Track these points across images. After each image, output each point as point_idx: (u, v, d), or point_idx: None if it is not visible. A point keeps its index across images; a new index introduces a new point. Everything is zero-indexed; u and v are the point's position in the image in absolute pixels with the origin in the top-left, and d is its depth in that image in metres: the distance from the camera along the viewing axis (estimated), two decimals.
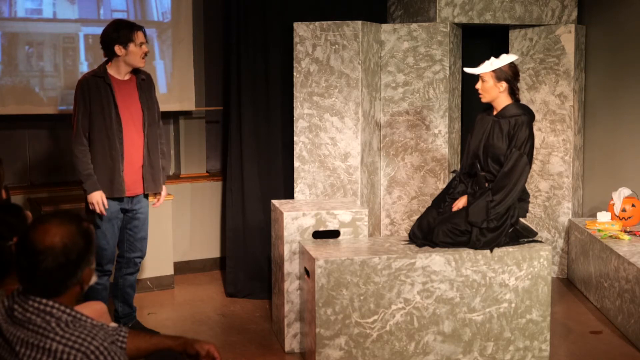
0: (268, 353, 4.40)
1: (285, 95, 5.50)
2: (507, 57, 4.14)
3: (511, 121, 4.09)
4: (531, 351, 4.21)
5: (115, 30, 4.21)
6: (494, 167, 4.11)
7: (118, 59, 4.23)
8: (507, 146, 4.07)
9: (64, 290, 2.20)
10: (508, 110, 4.12)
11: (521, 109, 4.13)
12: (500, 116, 4.13)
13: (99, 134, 4.21)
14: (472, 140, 4.25)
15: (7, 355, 2.17)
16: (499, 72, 4.09)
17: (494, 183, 4.07)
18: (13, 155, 5.40)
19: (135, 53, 4.23)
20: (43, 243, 2.15)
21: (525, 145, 4.04)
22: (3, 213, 2.69)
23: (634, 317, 4.47)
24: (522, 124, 4.06)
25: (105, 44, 4.24)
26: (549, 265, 4.20)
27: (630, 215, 5.35)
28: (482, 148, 4.16)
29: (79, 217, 2.28)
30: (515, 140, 4.05)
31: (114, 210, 4.32)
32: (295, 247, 4.34)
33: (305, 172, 5.22)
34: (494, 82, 4.11)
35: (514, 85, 4.13)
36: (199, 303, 5.30)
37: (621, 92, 5.66)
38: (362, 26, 5.13)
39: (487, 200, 4.04)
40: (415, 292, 4.05)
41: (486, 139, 4.15)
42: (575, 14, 5.75)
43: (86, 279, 2.25)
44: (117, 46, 4.19)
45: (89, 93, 4.18)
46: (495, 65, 4.09)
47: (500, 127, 4.11)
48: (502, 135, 4.10)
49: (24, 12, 5.29)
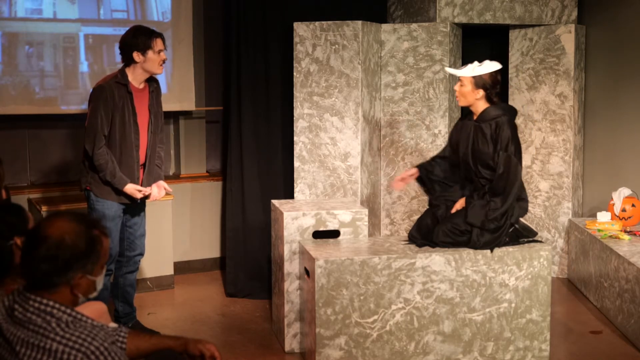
0: (268, 353, 4.40)
1: (285, 95, 5.50)
2: (490, 64, 4.10)
3: (492, 124, 4.06)
4: (531, 351, 4.21)
5: (134, 37, 4.19)
6: (486, 172, 4.10)
7: (136, 65, 4.21)
8: (493, 149, 4.05)
9: (50, 285, 2.17)
10: (487, 113, 4.09)
11: (500, 110, 4.10)
12: (481, 120, 4.11)
13: (119, 141, 4.22)
14: (460, 147, 4.22)
15: (7, 355, 2.17)
16: (479, 79, 4.06)
17: (489, 187, 4.07)
18: (13, 155, 5.40)
19: (154, 60, 4.21)
20: (44, 231, 2.16)
21: (510, 145, 4.02)
22: (3, 213, 2.69)
23: (634, 317, 4.47)
24: (502, 124, 4.03)
25: (123, 50, 4.22)
26: (549, 265, 4.20)
27: (630, 215, 5.35)
28: (470, 155, 4.15)
29: (94, 223, 2.25)
30: (499, 142, 4.02)
31: (117, 209, 4.34)
32: (295, 247, 4.34)
33: (305, 172, 5.22)
34: (472, 87, 4.08)
35: (492, 93, 4.10)
36: (199, 303, 5.30)
37: (621, 92, 5.66)
38: (362, 26, 5.13)
39: (486, 201, 4.04)
40: (415, 292, 4.05)
41: (472, 146, 4.14)
42: (575, 14, 5.75)
43: (79, 287, 2.20)
44: (136, 52, 4.17)
45: (112, 100, 4.14)
46: (477, 71, 4.07)
47: (482, 131, 4.09)
48: (486, 140, 4.07)
49: (24, 12, 5.28)
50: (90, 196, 4.32)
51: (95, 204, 4.30)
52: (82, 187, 4.37)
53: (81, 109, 5.30)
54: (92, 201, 4.31)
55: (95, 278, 2.23)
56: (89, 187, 4.30)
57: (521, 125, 5.92)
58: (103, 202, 4.30)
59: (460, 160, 4.25)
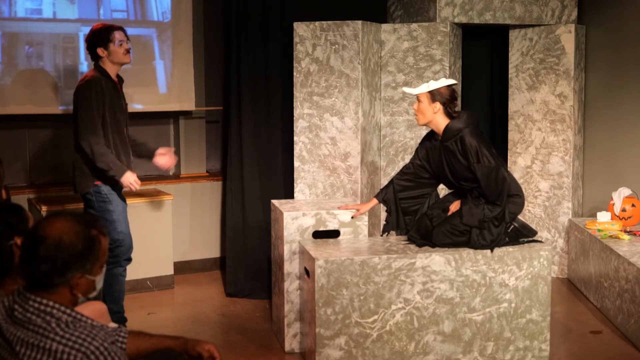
0: (268, 353, 4.40)
1: (285, 95, 5.50)
2: (445, 80, 4.14)
3: (455, 141, 4.05)
4: (531, 351, 4.21)
5: (93, 35, 4.36)
6: (470, 184, 4.11)
7: (104, 60, 4.36)
8: (467, 163, 4.04)
9: (50, 286, 2.17)
10: (449, 130, 4.08)
11: (461, 123, 4.06)
12: (445, 139, 4.10)
13: (112, 133, 4.33)
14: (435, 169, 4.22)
15: (7, 355, 2.17)
16: (435, 92, 4.08)
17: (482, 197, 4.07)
18: (13, 155, 5.40)
19: (117, 52, 4.35)
20: (43, 232, 2.16)
21: (481, 155, 4.00)
22: (3, 213, 2.69)
23: (634, 317, 4.47)
24: (464, 137, 4.00)
25: (89, 50, 4.39)
26: (549, 265, 4.20)
27: (630, 215, 5.35)
28: (450, 175, 4.16)
29: (93, 222, 2.24)
30: (470, 155, 4.01)
31: (122, 199, 4.47)
32: (295, 247, 4.34)
33: (305, 172, 5.22)
34: (428, 102, 4.09)
35: (450, 107, 4.11)
36: (199, 303, 5.30)
37: (621, 92, 5.66)
38: (362, 26, 5.13)
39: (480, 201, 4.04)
40: (415, 292, 4.05)
41: (447, 166, 4.14)
42: (575, 14, 5.75)
43: (79, 287, 2.20)
44: (99, 49, 4.34)
45: (102, 93, 4.28)
46: (432, 86, 4.09)
47: (450, 151, 4.09)
48: (457, 158, 4.07)
49: (24, 12, 5.29)
50: (102, 191, 4.33)
51: (110, 195, 4.35)
52: (88, 188, 4.34)
53: None
54: (106, 194, 4.34)
55: (94, 277, 2.23)
56: (100, 182, 4.31)
57: (521, 125, 5.93)
58: (115, 191, 4.37)
59: (440, 178, 4.26)
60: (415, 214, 4.35)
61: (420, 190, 4.36)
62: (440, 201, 4.36)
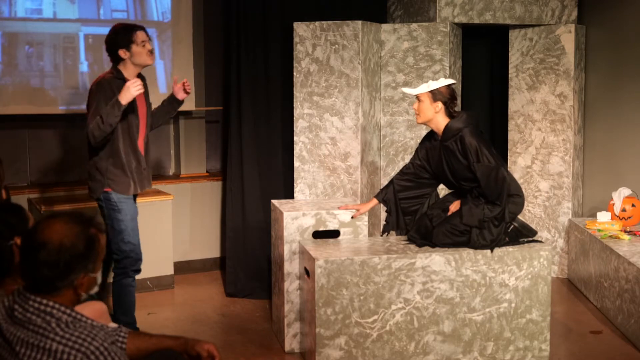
0: (268, 353, 4.40)
1: (285, 95, 5.50)
2: (445, 80, 4.14)
3: (455, 141, 4.05)
4: (531, 351, 4.21)
5: (115, 35, 4.21)
6: (470, 184, 4.10)
7: (125, 62, 4.22)
8: (467, 162, 4.04)
9: (53, 289, 2.17)
10: (449, 129, 4.08)
11: (461, 122, 4.07)
12: (445, 139, 4.10)
13: (123, 134, 4.21)
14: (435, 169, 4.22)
15: (7, 355, 2.17)
16: (436, 92, 4.08)
17: (483, 197, 4.07)
18: (13, 155, 5.40)
19: (140, 53, 4.21)
20: (42, 237, 2.14)
21: (480, 154, 4.01)
22: (3, 213, 2.69)
23: (634, 317, 4.47)
24: (464, 137, 4.00)
25: (109, 51, 4.24)
26: (549, 265, 4.20)
27: (630, 215, 5.35)
28: (450, 175, 4.16)
29: (90, 221, 2.24)
30: (469, 155, 4.01)
31: (133, 207, 4.34)
32: (295, 247, 4.34)
33: (305, 172, 5.22)
34: (430, 101, 4.09)
35: (450, 106, 4.11)
36: (199, 303, 5.30)
37: (621, 92, 5.66)
38: (362, 26, 5.13)
39: (480, 201, 4.04)
40: (415, 292, 4.05)
41: (447, 166, 4.14)
42: (575, 14, 5.75)
43: (82, 286, 2.21)
44: (121, 50, 4.19)
45: (112, 93, 4.11)
46: (433, 86, 4.09)
47: (450, 150, 4.09)
48: (456, 158, 4.07)
49: (24, 12, 5.29)
50: (111, 198, 4.23)
51: (119, 204, 4.24)
52: (98, 193, 4.27)
53: (81, 109, 5.30)
54: (115, 202, 4.23)
55: (96, 274, 2.24)
56: (109, 189, 4.22)
57: (521, 125, 5.93)
58: (125, 200, 4.26)
59: (440, 178, 4.26)
60: (415, 214, 4.35)
61: (420, 191, 4.36)
62: (440, 201, 4.36)
